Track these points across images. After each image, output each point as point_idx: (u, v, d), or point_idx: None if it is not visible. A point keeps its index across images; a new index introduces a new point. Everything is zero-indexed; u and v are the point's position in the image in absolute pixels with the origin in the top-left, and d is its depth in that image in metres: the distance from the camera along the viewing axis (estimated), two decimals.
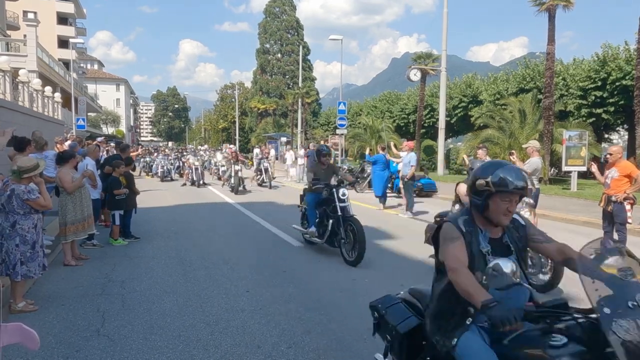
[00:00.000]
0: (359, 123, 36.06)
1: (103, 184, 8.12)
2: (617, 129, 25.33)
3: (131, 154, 10.90)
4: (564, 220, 10.65)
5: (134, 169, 10.06)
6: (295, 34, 64.46)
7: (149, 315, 4.66)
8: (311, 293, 5.38)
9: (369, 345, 3.95)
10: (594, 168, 7.57)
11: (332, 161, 21.34)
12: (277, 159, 29.94)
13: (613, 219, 6.92)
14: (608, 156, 7.33)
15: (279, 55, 64.39)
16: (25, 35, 27.95)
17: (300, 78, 47.83)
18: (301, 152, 22.51)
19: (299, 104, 42.24)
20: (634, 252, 2.02)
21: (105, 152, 15.34)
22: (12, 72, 17.46)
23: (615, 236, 6.97)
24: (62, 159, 6.87)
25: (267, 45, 64.43)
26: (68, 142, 11.12)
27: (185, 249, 7.66)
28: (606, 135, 26.50)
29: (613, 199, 6.85)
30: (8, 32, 31.10)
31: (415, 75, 25.76)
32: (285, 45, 63.98)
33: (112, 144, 19.50)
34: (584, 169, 16.60)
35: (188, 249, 7.67)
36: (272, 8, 64.39)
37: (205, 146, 51.62)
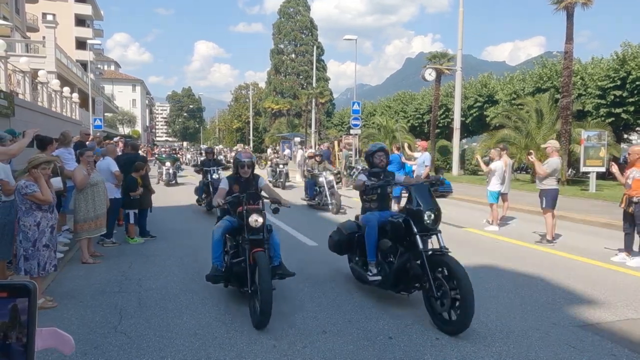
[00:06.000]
0: (373, 123, 35.95)
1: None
2: (637, 129, 24.82)
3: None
4: (584, 222, 10.47)
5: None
6: (309, 34, 64.51)
7: (165, 313, 4.68)
8: (326, 293, 5.36)
9: (386, 346, 3.92)
10: (615, 168, 7.42)
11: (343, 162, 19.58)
12: (290, 158, 29.96)
13: (634, 220, 6.77)
14: (628, 156, 7.18)
15: (293, 55, 64.50)
16: (44, 37, 28.47)
17: (314, 78, 47.87)
18: (309, 151, 22.38)
19: (313, 104, 42.26)
20: None
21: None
22: (31, 73, 17.80)
23: (637, 238, 6.84)
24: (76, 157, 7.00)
25: (281, 46, 64.59)
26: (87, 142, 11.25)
27: (200, 248, 7.69)
28: (625, 136, 25.99)
29: (634, 200, 6.70)
30: (28, 33, 31.69)
31: (430, 75, 25.57)
32: (299, 45, 64.09)
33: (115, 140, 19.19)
34: (603, 169, 16.30)
35: (203, 247, 7.69)
36: (287, 8, 64.54)
37: (220, 146, 51.99)
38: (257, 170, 5.90)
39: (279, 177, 18.08)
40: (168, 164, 18.98)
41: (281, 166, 18.22)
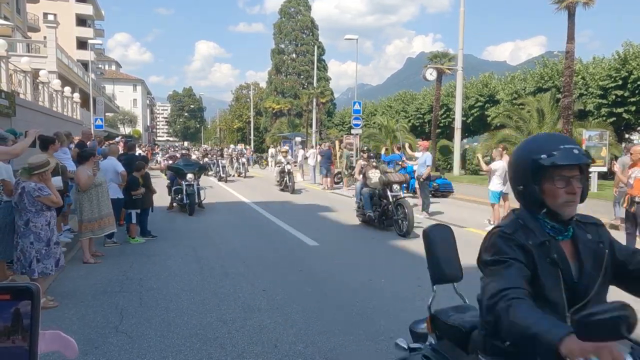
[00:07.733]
0: (374, 123, 35.95)
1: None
2: (639, 128, 24.81)
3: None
4: None
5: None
6: (310, 34, 64.46)
7: (166, 313, 4.68)
8: (327, 292, 5.35)
9: (386, 345, 3.91)
10: (617, 167, 7.41)
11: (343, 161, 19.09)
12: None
13: (636, 220, 6.76)
14: (630, 155, 7.17)
15: (294, 55, 64.46)
16: (45, 37, 28.45)
17: (315, 78, 47.82)
18: (310, 151, 22.36)
19: (314, 104, 42.23)
20: None
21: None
22: (32, 72, 17.81)
23: (639, 238, 6.82)
24: (82, 157, 6.96)
25: (282, 46, 64.55)
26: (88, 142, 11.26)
27: (201, 247, 7.70)
28: (627, 135, 25.98)
29: (637, 199, 6.69)
30: (29, 33, 31.69)
31: (431, 74, 25.56)
32: (300, 45, 64.04)
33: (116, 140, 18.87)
34: (604, 169, 16.28)
35: (204, 247, 7.71)
36: (287, 8, 64.49)
37: (233, 146, 51.79)
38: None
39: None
40: (190, 176, 11.17)
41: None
